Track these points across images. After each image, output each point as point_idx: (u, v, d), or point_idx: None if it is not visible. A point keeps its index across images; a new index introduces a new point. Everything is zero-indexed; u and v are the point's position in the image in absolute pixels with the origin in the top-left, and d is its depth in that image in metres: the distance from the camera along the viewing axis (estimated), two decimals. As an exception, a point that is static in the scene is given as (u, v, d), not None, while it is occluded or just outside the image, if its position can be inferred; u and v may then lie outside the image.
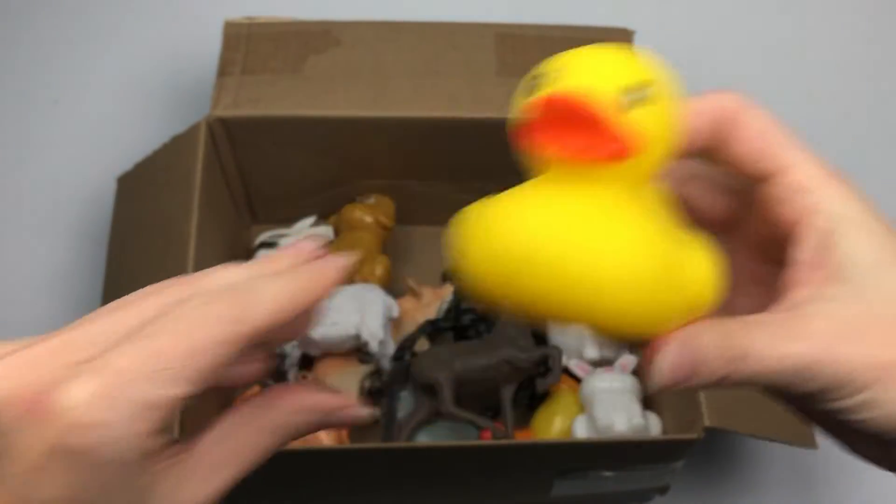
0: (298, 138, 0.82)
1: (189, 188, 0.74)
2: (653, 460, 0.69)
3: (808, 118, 1.08)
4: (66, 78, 1.06)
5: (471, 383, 0.76)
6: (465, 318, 0.84)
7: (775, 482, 0.83)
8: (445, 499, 0.77)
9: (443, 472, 0.71)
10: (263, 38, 0.84)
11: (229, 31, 0.84)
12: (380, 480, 0.71)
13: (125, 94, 1.05)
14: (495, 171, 0.88)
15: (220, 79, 0.81)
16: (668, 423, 0.74)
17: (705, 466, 0.83)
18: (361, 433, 0.80)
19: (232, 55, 0.82)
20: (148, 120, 1.02)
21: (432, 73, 0.82)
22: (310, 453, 0.66)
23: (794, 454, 0.84)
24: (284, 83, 0.80)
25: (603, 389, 0.76)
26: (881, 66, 1.13)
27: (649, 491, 0.77)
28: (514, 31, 0.86)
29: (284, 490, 0.71)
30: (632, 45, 0.86)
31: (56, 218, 0.95)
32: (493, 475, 0.72)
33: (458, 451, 0.68)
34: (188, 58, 1.08)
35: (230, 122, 0.79)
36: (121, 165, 0.84)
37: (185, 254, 0.71)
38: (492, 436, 0.74)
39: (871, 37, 1.16)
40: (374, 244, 0.88)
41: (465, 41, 0.85)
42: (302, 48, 0.83)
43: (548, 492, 0.74)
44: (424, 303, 0.85)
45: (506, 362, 0.76)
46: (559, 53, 0.34)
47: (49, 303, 0.89)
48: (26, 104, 1.04)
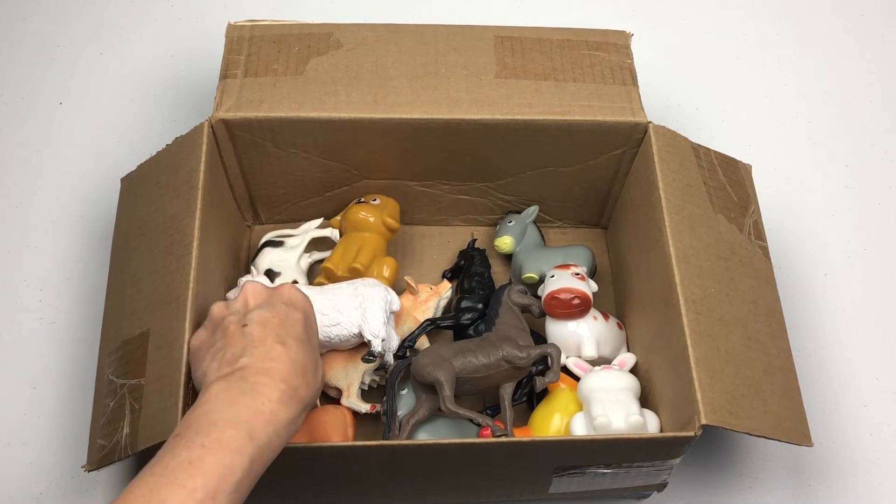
0: (300, 139, 0.82)
1: (192, 189, 0.75)
2: (650, 458, 0.70)
3: (806, 117, 1.09)
4: (70, 80, 1.07)
5: (470, 381, 0.76)
6: (465, 317, 0.84)
7: (771, 479, 0.84)
8: (445, 495, 0.78)
9: (443, 469, 0.72)
10: (266, 41, 0.84)
11: (232, 34, 0.85)
12: (380, 477, 0.72)
13: (129, 95, 1.06)
14: (495, 172, 0.89)
15: (222, 81, 0.81)
16: (666, 421, 0.75)
17: (702, 464, 0.84)
18: (363, 431, 0.81)
19: (234, 57, 0.83)
20: (151, 121, 1.03)
21: (432, 75, 0.83)
22: (312, 450, 0.66)
23: (789, 452, 0.85)
24: (286, 85, 0.81)
25: (601, 388, 0.76)
26: (881, 66, 1.14)
27: (647, 488, 0.78)
28: (513, 33, 0.87)
29: (287, 486, 0.72)
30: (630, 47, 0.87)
31: (61, 217, 0.96)
32: (493, 472, 0.73)
33: (457, 448, 0.69)
34: (191, 60, 1.08)
35: (233, 124, 0.80)
36: (124, 166, 0.84)
37: (187, 253, 0.71)
38: (491, 433, 0.74)
39: (871, 38, 1.16)
40: (380, 245, 0.88)
41: (465, 44, 0.85)
42: (304, 50, 0.84)
43: (546, 488, 0.75)
44: (422, 300, 0.85)
45: (505, 361, 0.76)
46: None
47: (54, 300, 0.90)
48: (32, 106, 1.04)
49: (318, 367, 0.63)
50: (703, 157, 0.82)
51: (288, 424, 0.58)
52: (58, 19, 1.12)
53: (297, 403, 0.59)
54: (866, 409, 0.88)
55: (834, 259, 0.97)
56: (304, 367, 0.60)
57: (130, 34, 1.11)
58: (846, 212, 1.01)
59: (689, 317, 0.70)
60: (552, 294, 0.82)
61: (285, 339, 0.61)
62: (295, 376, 0.59)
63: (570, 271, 0.83)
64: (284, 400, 0.57)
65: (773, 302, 0.77)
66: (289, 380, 0.58)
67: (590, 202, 0.93)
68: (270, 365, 0.59)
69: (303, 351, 0.61)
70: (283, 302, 0.64)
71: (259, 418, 0.55)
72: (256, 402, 0.56)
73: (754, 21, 1.17)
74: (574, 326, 0.83)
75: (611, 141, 0.83)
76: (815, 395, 0.87)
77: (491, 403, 0.83)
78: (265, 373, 0.58)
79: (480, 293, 0.86)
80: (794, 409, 0.72)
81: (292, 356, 0.60)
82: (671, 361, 0.72)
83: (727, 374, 0.69)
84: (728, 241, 0.78)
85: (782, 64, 1.13)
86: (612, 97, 0.82)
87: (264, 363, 0.59)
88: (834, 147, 1.06)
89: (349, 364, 0.81)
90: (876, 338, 0.93)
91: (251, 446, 0.54)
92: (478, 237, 0.93)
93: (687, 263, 0.73)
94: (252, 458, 0.54)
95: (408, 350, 0.83)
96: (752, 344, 0.73)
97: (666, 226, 0.75)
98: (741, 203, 0.81)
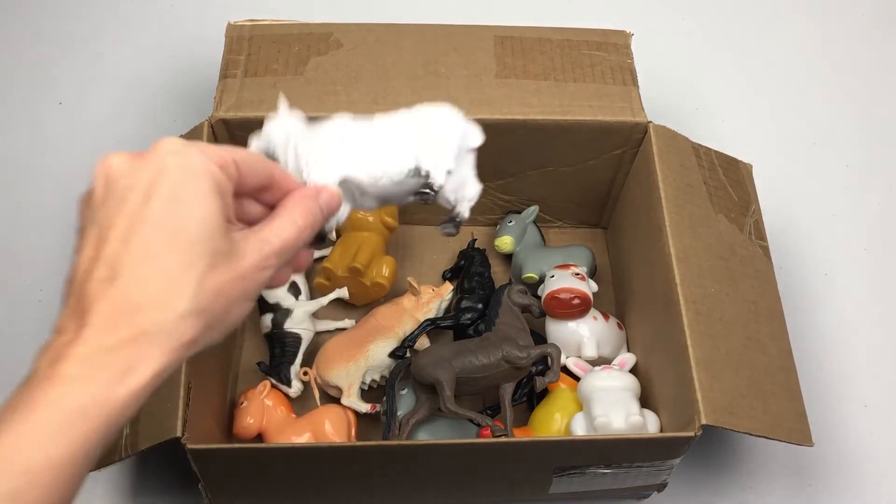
0: (300, 139, 0.82)
1: (192, 189, 0.75)
2: (650, 458, 0.70)
3: (807, 117, 1.09)
4: (70, 80, 1.07)
5: (470, 381, 0.76)
6: (465, 317, 0.84)
7: (771, 479, 0.84)
8: (445, 495, 0.78)
9: (443, 469, 0.72)
10: (266, 41, 0.84)
11: (232, 34, 0.85)
12: (381, 477, 0.72)
13: (129, 95, 1.05)
14: (495, 172, 0.89)
15: (222, 80, 0.81)
16: (666, 421, 0.75)
17: (703, 464, 0.84)
18: (363, 431, 0.81)
19: (234, 57, 0.83)
20: (151, 121, 1.03)
21: (432, 75, 0.83)
22: (312, 450, 0.67)
23: (789, 452, 0.85)
24: (286, 85, 0.81)
25: (601, 387, 0.76)
26: (881, 66, 1.14)
27: (647, 488, 0.78)
28: (513, 33, 0.87)
29: (288, 486, 0.72)
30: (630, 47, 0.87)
31: (61, 217, 0.96)
32: (493, 472, 0.73)
33: (457, 448, 0.69)
34: (191, 60, 1.08)
35: (233, 123, 0.80)
36: None
37: (188, 253, 0.71)
38: (491, 433, 0.74)
39: (871, 38, 1.16)
40: (379, 245, 0.88)
41: (465, 43, 0.85)
42: (304, 50, 0.84)
43: (546, 489, 0.75)
44: (423, 301, 0.85)
45: (505, 361, 0.76)
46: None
47: (54, 300, 0.89)
48: (32, 106, 1.04)
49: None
50: (703, 157, 0.82)
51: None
52: (58, 19, 1.12)
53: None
54: (866, 410, 0.88)
55: (834, 259, 0.97)
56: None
57: (130, 34, 1.11)
58: (846, 212, 1.01)
59: (689, 317, 0.70)
60: (552, 294, 0.82)
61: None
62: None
63: (570, 271, 0.83)
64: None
65: (773, 302, 0.77)
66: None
67: (590, 202, 0.93)
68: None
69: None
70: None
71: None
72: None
73: (754, 21, 1.17)
74: (574, 326, 0.83)
75: (611, 141, 0.83)
76: (816, 395, 0.86)
77: (491, 403, 0.83)
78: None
79: (480, 293, 0.86)
80: (794, 410, 0.72)
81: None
82: (671, 361, 0.72)
83: (727, 375, 0.69)
84: (728, 240, 0.78)
85: (783, 64, 1.13)
86: (612, 97, 0.82)
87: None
88: (834, 147, 1.06)
89: (350, 364, 0.81)
90: (876, 338, 0.92)
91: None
92: (478, 237, 0.93)
93: (687, 263, 0.73)
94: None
95: (408, 350, 0.83)
96: (753, 344, 0.73)
97: (666, 226, 0.75)
98: (742, 203, 0.81)
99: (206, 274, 0.41)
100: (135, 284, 0.40)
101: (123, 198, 0.41)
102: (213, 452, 0.66)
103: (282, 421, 0.79)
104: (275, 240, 0.45)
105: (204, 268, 0.41)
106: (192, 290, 0.40)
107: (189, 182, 0.41)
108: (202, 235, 0.41)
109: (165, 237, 0.40)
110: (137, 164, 0.42)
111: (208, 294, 0.41)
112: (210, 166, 0.42)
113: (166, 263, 0.40)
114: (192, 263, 0.40)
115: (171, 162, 0.41)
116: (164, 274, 0.40)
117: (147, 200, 0.41)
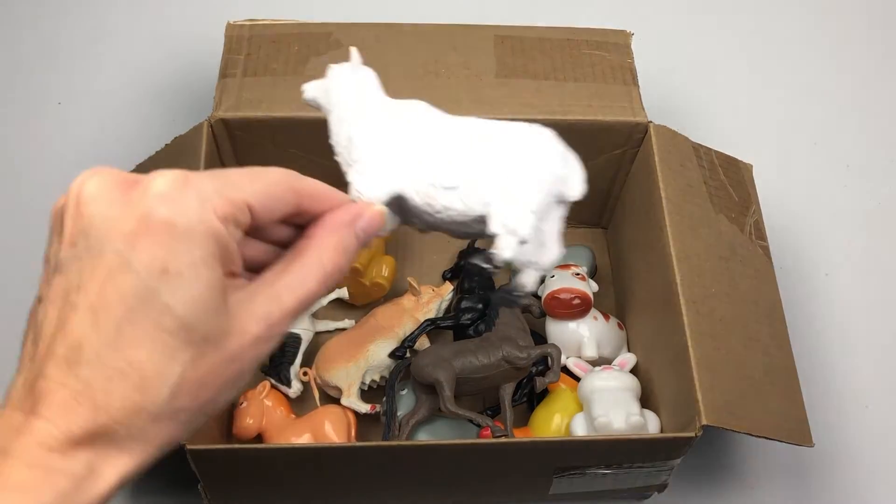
0: (299, 139, 0.82)
1: (192, 189, 0.75)
2: (651, 458, 0.70)
3: (807, 117, 1.09)
4: (69, 79, 1.06)
5: (470, 382, 0.76)
6: (465, 317, 0.84)
7: (771, 479, 0.84)
8: (445, 496, 0.78)
9: (443, 470, 0.72)
10: (265, 40, 0.84)
11: (231, 33, 0.85)
12: (381, 477, 0.72)
13: (128, 95, 1.05)
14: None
15: (221, 80, 0.81)
16: (666, 422, 0.75)
17: (703, 464, 0.84)
18: (363, 431, 0.81)
19: (234, 57, 0.83)
20: (151, 121, 1.03)
21: (432, 75, 0.83)
22: (312, 450, 0.66)
23: (789, 452, 0.84)
24: (286, 85, 0.81)
25: (601, 388, 0.76)
26: (882, 66, 1.14)
27: (647, 489, 0.78)
28: (512, 32, 0.87)
29: (288, 486, 0.72)
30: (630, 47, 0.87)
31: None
32: (493, 473, 0.73)
33: (457, 449, 0.69)
34: (190, 59, 1.08)
35: (232, 123, 0.80)
36: (123, 166, 0.82)
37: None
38: (491, 434, 0.74)
39: (871, 38, 1.16)
40: (379, 244, 0.88)
41: (465, 43, 0.85)
42: (303, 50, 0.84)
43: (547, 489, 0.75)
44: (424, 301, 0.85)
45: (505, 361, 0.76)
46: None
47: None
48: (31, 105, 1.04)
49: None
50: (703, 157, 0.82)
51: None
52: (58, 19, 1.12)
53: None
54: (867, 410, 0.88)
55: (835, 259, 0.97)
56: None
57: (130, 34, 1.11)
58: (846, 212, 1.01)
59: (689, 317, 0.70)
60: (552, 294, 0.82)
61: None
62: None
63: (570, 271, 0.83)
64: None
65: (773, 302, 0.77)
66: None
67: (590, 202, 0.92)
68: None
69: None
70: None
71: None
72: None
73: (755, 21, 1.17)
74: (574, 326, 0.83)
75: (611, 141, 0.83)
76: (816, 395, 0.86)
77: (491, 404, 0.82)
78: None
79: (480, 293, 0.86)
80: (794, 410, 0.72)
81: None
82: (671, 362, 0.72)
83: (728, 375, 0.69)
84: (729, 240, 0.77)
85: (783, 64, 1.13)
86: (612, 97, 0.82)
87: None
88: (834, 147, 1.06)
89: (350, 364, 0.81)
90: (876, 338, 0.92)
91: None
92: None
93: (687, 263, 0.73)
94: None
95: (408, 350, 0.83)
96: (753, 344, 0.72)
97: (666, 226, 0.75)
98: (742, 203, 0.81)
99: (189, 366, 0.33)
100: (100, 377, 0.32)
101: (99, 251, 0.33)
102: (212, 453, 0.66)
103: (281, 421, 0.79)
104: (289, 298, 0.36)
105: (188, 359, 0.33)
106: (169, 390, 0.33)
107: (180, 246, 0.33)
108: (190, 320, 0.33)
109: (143, 321, 0.32)
110: (119, 206, 0.33)
111: (190, 389, 0.33)
112: (210, 222, 0.34)
113: (141, 355, 0.32)
114: (173, 356, 0.33)
115: (161, 213, 0.33)
116: (138, 369, 0.32)
117: (126, 267, 0.32)
